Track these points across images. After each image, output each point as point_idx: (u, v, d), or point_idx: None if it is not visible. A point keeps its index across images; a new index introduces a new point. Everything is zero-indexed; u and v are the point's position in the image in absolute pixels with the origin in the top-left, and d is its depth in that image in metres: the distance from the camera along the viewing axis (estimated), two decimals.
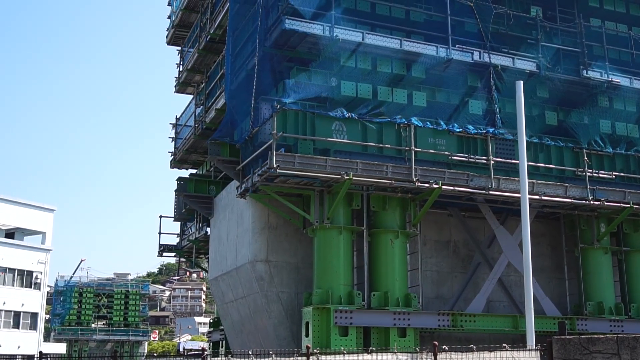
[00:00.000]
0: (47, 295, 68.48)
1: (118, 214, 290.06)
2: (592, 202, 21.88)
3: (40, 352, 19.20)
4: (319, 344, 18.70)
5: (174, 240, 32.14)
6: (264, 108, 20.02)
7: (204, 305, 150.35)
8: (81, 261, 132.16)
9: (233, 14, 21.80)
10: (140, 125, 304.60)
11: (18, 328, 57.95)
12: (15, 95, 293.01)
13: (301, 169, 18.84)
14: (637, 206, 22.42)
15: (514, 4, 22.90)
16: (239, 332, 24.32)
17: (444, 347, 12.05)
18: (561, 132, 22.66)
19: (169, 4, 31.56)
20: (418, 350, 14.58)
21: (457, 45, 21.19)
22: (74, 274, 76.12)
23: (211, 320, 33.53)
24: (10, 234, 59.52)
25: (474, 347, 12.04)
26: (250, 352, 14.11)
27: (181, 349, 75.68)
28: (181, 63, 30.41)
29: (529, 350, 11.03)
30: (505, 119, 21.30)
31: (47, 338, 71.20)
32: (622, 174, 23.01)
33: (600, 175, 22.52)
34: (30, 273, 59.10)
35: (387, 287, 20.03)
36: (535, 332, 15.69)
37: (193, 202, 26.79)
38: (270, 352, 13.71)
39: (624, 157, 23.26)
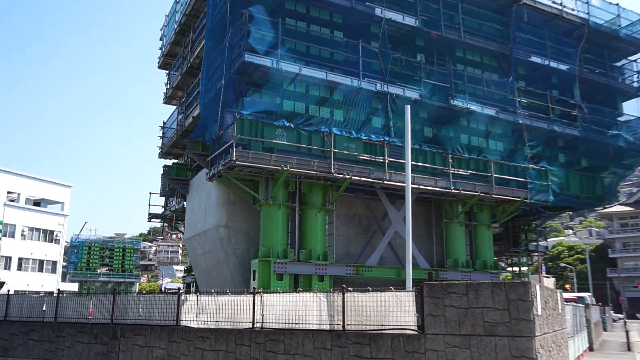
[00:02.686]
0: (65, 249, 66.58)
1: (120, 190, 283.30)
2: (453, 190, 22.39)
3: (58, 290, 18.56)
4: (263, 285, 18.63)
5: (159, 210, 31.47)
6: (227, 117, 19.70)
7: (180, 257, 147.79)
8: (85, 223, 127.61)
9: (207, 48, 21.36)
10: (137, 127, 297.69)
11: (42, 272, 56.73)
12: (45, 98, 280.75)
13: (253, 161, 18.65)
14: (482, 194, 23.08)
15: (405, 51, 23.10)
16: (206, 277, 23.99)
17: (349, 289, 12.14)
18: (434, 142, 23.00)
19: (160, 39, 30.73)
20: (332, 291, 14.66)
21: (365, 78, 21.27)
22: (80, 232, 73.59)
23: (185, 268, 32.94)
24: (37, 203, 58.18)
25: (370, 289, 12.17)
26: (213, 291, 13.88)
27: (163, 288, 74.31)
28: (168, 82, 29.69)
29: (408, 291, 11.21)
30: (396, 132, 21.53)
31: (63, 279, 68.74)
32: (474, 172, 23.57)
33: (459, 172, 23.02)
34: (52, 232, 57.75)
35: (311, 246, 20.07)
36: (412, 279, 15.92)
37: (174, 183, 26.28)
38: (228, 291, 13.55)
39: (475, 160, 23.78)
